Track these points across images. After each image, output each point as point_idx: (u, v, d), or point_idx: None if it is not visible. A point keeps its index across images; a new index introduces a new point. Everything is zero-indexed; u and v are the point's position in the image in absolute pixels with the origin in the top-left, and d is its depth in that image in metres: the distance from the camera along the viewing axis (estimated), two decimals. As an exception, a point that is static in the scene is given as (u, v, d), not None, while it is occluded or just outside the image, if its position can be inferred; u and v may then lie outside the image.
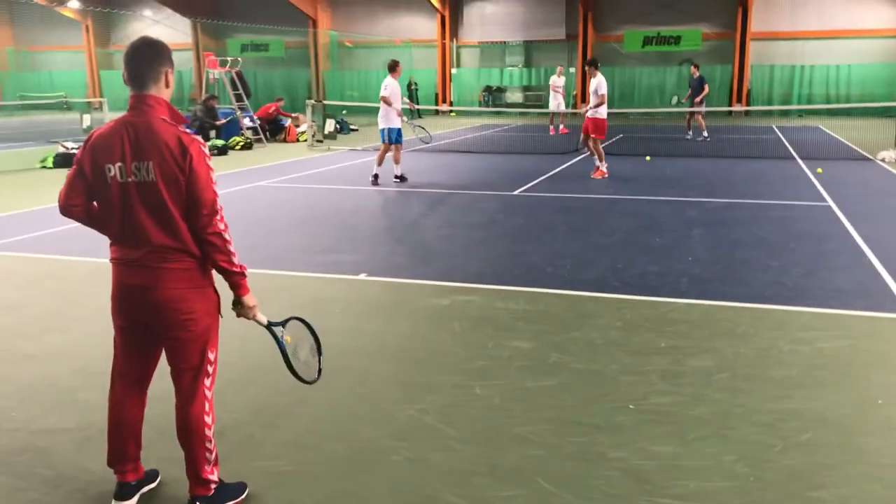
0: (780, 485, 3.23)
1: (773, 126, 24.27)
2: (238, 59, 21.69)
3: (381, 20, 34.74)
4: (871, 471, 3.33)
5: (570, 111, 24.00)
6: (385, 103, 12.06)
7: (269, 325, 3.15)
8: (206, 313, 2.94)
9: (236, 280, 2.94)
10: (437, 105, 33.52)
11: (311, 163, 15.67)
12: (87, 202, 2.93)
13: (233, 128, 19.27)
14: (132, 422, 3.07)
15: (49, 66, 40.40)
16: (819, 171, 12.98)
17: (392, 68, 12.22)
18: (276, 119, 21.07)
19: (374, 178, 12.20)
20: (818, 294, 5.98)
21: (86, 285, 6.46)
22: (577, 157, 15.27)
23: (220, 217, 2.85)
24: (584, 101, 13.56)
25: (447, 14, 33.77)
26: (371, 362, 4.67)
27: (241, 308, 3.02)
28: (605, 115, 12.53)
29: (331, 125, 21.42)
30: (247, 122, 19.96)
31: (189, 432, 2.97)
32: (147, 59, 2.85)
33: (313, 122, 19.83)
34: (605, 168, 12.64)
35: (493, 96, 33.75)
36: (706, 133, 19.31)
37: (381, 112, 12.20)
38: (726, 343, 4.90)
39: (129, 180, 2.78)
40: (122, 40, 38.62)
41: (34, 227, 8.91)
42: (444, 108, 32.91)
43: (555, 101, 22.10)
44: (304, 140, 19.74)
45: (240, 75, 20.60)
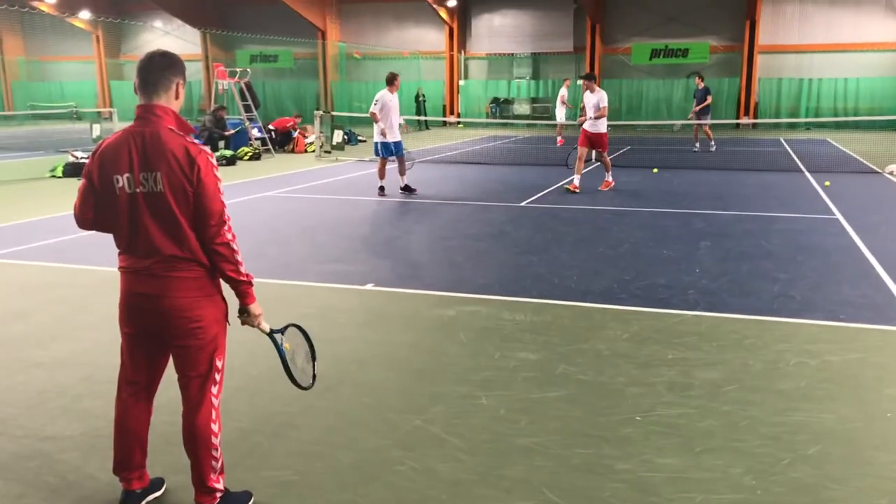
0: (788, 498, 3.20)
1: (781, 139, 24.24)
2: (247, 70, 21.83)
3: (390, 32, 34.89)
4: (879, 484, 3.31)
5: (569, 122, 23.82)
6: (373, 119, 11.94)
7: (270, 333, 3.18)
8: (214, 321, 2.95)
9: (243, 289, 2.96)
10: (444, 116, 33.60)
11: (319, 173, 15.72)
12: (100, 213, 2.95)
13: (241, 138, 19.37)
14: (138, 430, 3.09)
15: (59, 76, 40.69)
16: (827, 184, 12.94)
17: (390, 81, 11.90)
18: (288, 131, 21.28)
19: (381, 190, 12.22)
20: (826, 307, 5.96)
21: (93, 294, 6.49)
22: (585, 169, 15.24)
23: (227, 227, 2.87)
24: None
25: (455, 26, 33.90)
26: (377, 372, 4.67)
27: (246, 316, 3.05)
28: (605, 128, 12.41)
29: (339, 136, 21.50)
30: (255, 132, 20.05)
31: (196, 440, 2.97)
32: (160, 67, 2.87)
33: (321, 132, 19.91)
34: (610, 177, 12.67)
35: (500, 108, 33.79)
36: (713, 143, 19.37)
37: (375, 127, 12.11)
38: (734, 355, 4.88)
39: (137, 191, 2.80)
40: (132, 51, 38.93)
41: (44, 235, 8.96)
42: (452, 119, 32.98)
43: (563, 113, 22.18)
44: (312, 151, 19.83)
45: (249, 86, 20.71)
